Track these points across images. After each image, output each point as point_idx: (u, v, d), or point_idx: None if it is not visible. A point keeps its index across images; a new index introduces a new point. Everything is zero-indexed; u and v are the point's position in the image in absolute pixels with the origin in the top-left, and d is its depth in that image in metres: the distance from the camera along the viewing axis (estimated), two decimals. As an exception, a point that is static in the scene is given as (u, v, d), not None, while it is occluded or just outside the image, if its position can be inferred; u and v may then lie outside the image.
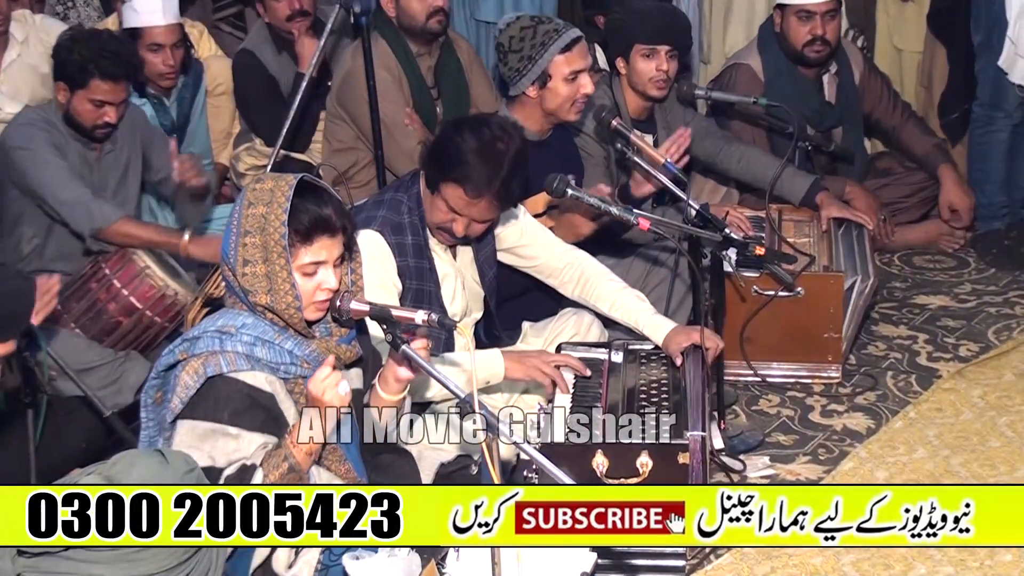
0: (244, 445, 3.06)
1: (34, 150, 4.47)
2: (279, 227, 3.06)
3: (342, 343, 3.22)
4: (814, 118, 5.40)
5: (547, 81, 4.43)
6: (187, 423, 3.07)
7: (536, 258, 4.19)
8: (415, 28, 5.17)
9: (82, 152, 4.59)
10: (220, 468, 3.04)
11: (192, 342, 3.13)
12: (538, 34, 4.43)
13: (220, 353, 3.07)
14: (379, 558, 2.96)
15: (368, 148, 5.15)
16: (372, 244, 3.80)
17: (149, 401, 3.24)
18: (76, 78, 4.48)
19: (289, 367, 3.13)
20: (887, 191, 5.66)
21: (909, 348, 4.96)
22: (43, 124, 4.53)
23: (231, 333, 3.10)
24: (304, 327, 3.14)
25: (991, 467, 4.13)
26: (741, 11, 6.20)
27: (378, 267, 3.79)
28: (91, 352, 4.40)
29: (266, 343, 3.11)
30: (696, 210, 4.21)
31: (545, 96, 4.45)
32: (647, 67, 4.83)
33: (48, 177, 4.47)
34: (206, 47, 5.81)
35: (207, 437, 3.05)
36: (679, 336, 4.01)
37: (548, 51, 4.41)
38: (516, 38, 4.45)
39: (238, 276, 3.11)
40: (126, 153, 4.73)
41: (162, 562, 2.85)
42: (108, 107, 4.50)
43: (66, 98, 4.51)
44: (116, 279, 4.51)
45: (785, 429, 4.43)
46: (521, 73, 4.44)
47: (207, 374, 3.05)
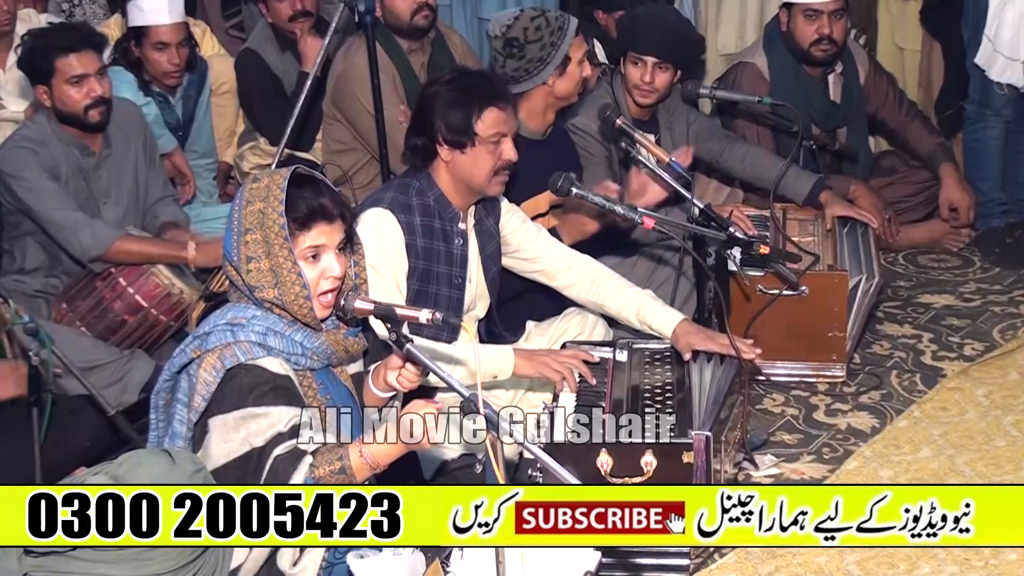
0: (275, 418, 3.03)
1: (26, 178, 4.46)
2: (277, 218, 3.06)
3: (349, 335, 3.23)
4: (819, 117, 5.40)
5: (567, 65, 4.47)
6: (217, 419, 3.05)
7: (539, 261, 4.19)
8: (402, 26, 5.18)
9: (78, 162, 4.58)
10: (262, 447, 3.01)
11: (203, 338, 3.12)
12: (551, 21, 4.47)
13: (234, 344, 3.07)
14: (383, 557, 2.95)
15: (366, 148, 5.16)
16: (382, 220, 3.84)
17: (160, 403, 3.23)
18: (43, 68, 4.48)
19: (300, 358, 3.13)
20: (891, 190, 5.66)
21: (914, 347, 4.96)
22: (33, 145, 4.51)
23: (242, 324, 3.10)
24: (313, 318, 3.13)
25: (996, 466, 4.12)
26: (732, 10, 6.19)
27: (388, 244, 3.82)
28: (96, 350, 4.40)
29: (277, 333, 3.10)
30: (700, 209, 4.21)
31: (562, 82, 4.48)
32: (634, 74, 4.84)
33: (41, 206, 4.46)
34: (209, 45, 5.83)
35: (239, 425, 3.03)
36: (692, 337, 3.98)
37: (567, 35, 4.45)
38: (531, 28, 4.45)
39: (243, 274, 3.11)
40: (124, 154, 4.73)
41: (169, 562, 2.86)
42: (88, 80, 4.48)
43: (49, 97, 4.51)
44: (122, 277, 4.52)
45: (789, 428, 4.43)
46: (544, 61, 4.44)
47: (225, 366, 3.04)
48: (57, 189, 4.48)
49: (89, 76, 4.49)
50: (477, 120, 3.82)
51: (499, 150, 3.87)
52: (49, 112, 4.56)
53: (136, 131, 4.79)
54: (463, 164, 3.87)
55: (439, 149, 3.87)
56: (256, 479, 2.98)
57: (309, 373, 3.17)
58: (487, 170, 3.88)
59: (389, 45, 5.18)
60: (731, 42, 6.10)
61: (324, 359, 3.17)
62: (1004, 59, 5.47)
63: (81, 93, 4.49)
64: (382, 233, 3.82)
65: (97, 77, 4.51)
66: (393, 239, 3.85)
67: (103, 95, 4.53)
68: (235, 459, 3.02)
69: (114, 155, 4.69)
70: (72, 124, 4.55)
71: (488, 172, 3.89)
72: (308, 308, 3.11)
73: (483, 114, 3.83)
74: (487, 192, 3.96)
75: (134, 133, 4.78)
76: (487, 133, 3.84)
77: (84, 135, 4.59)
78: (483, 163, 3.87)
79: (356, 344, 3.25)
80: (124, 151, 4.73)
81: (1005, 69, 5.50)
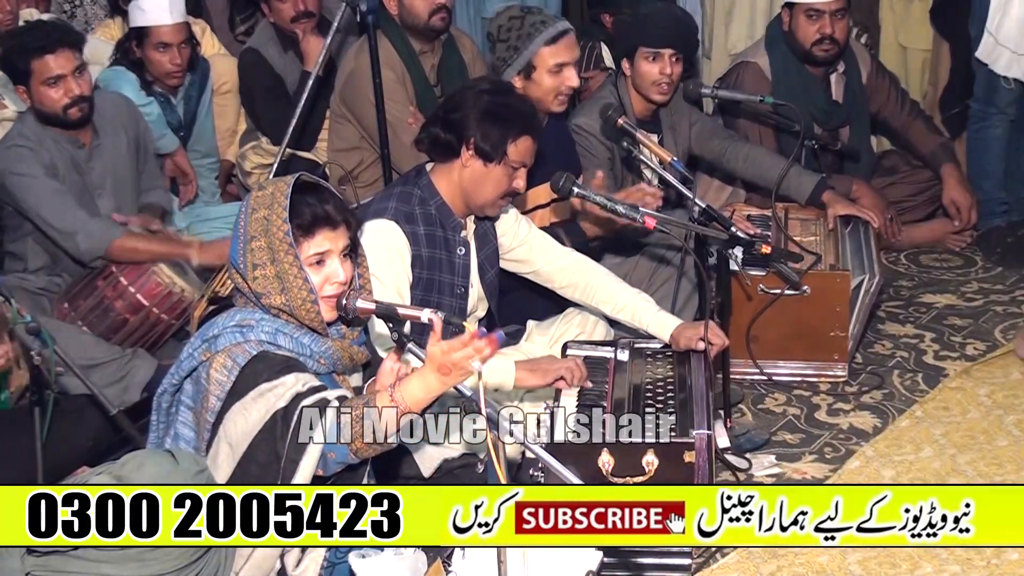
0: (291, 382, 3.00)
1: (24, 175, 4.47)
2: (281, 225, 3.07)
3: (355, 344, 3.22)
4: (821, 117, 5.39)
5: (531, 72, 4.47)
6: (235, 406, 3.02)
7: (534, 262, 4.18)
8: (418, 26, 5.16)
9: (71, 155, 4.58)
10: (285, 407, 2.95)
11: (212, 341, 3.12)
12: (525, 24, 4.46)
13: (244, 343, 3.07)
14: (385, 556, 2.96)
15: (373, 147, 5.16)
16: (387, 232, 3.83)
17: (164, 405, 3.23)
18: (20, 68, 4.48)
19: (307, 360, 3.12)
20: (894, 190, 5.66)
21: (916, 347, 4.95)
22: (29, 143, 4.51)
23: (251, 325, 3.10)
24: (321, 322, 3.13)
25: (998, 466, 4.12)
26: (744, 7, 6.19)
27: (393, 255, 3.82)
28: (97, 349, 4.40)
29: (285, 334, 3.10)
30: (702, 209, 4.21)
31: (529, 87, 4.48)
32: (651, 70, 4.83)
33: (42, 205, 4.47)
34: (210, 45, 5.83)
35: (256, 401, 3.00)
36: (688, 331, 4.02)
37: (534, 42, 4.45)
38: (504, 27, 4.49)
39: (249, 281, 3.11)
40: (114, 144, 4.72)
41: (172, 562, 2.86)
42: (65, 80, 4.47)
43: (28, 98, 4.51)
44: (123, 276, 4.52)
45: (791, 428, 4.42)
46: (507, 63, 4.49)
47: (239, 364, 3.04)
48: (55, 189, 4.48)
49: (66, 76, 4.48)
50: (512, 142, 3.81)
51: (515, 176, 3.86)
52: (32, 113, 4.57)
53: (126, 123, 4.78)
54: (478, 176, 3.85)
55: (463, 152, 3.84)
56: (285, 440, 2.93)
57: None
58: (498, 191, 3.87)
59: (401, 45, 5.18)
60: (742, 42, 6.08)
61: (330, 364, 3.17)
62: (1010, 53, 5.45)
63: (59, 93, 4.48)
64: (388, 246, 3.81)
65: (74, 76, 4.49)
66: (399, 251, 3.84)
67: (81, 94, 4.52)
68: (260, 431, 2.98)
69: (104, 145, 4.69)
70: (53, 124, 4.55)
71: (497, 194, 3.88)
72: (315, 312, 3.11)
73: (519, 140, 3.82)
74: (485, 212, 3.94)
75: (123, 125, 4.77)
76: (515, 158, 3.83)
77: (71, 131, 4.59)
78: (497, 184, 3.86)
79: (361, 353, 3.24)
80: (113, 141, 4.73)
81: (1011, 64, 5.49)
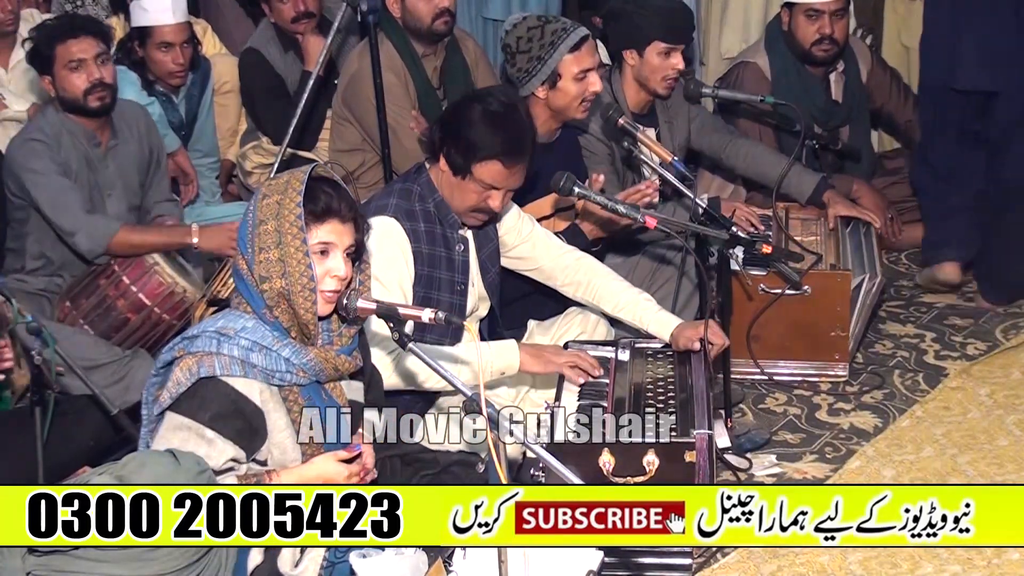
0: (215, 453, 3.06)
1: (37, 170, 4.47)
2: (294, 208, 3.07)
3: (342, 353, 3.20)
4: (821, 116, 5.39)
5: (557, 81, 4.43)
6: (169, 415, 3.09)
7: (536, 260, 4.19)
8: (421, 29, 5.14)
9: (86, 152, 4.58)
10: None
11: (191, 340, 3.14)
12: (546, 34, 4.42)
13: (215, 355, 3.08)
14: (386, 556, 2.96)
15: (374, 149, 5.16)
16: (389, 229, 3.83)
17: (150, 399, 3.25)
18: (45, 55, 4.52)
19: (284, 375, 3.12)
20: (894, 189, 5.66)
21: (916, 346, 4.96)
22: (46, 138, 4.52)
23: (229, 336, 3.10)
24: (315, 314, 3.12)
25: (998, 466, 4.12)
26: (737, 13, 6.17)
27: (396, 253, 3.83)
28: (98, 349, 4.40)
29: (263, 349, 3.10)
30: (703, 208, 4.21)
31: (554, 96, 4.45)
32: (663, 65, 4.82)
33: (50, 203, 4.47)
34: (210, 44, 5.83)
35: (180, 431, 3.06)
36: (688, 331, 4.02)
37: (557, 51, 4.41)
38: (524, 39, 4.44)
39: (253, 265, 3.11)
40: (131, 149, 4.73)
41: (173, 562, 2.86)
42: (87, 64, 4.50)
43: (53, 86, 4.54)
44: (125, 276, 4.52)
45: (792, 427, 4.43)
46: (531, 74, 4.44)
47: (200, 374, 3.06)
48: (63, 187, 4.48)
49: (87, 60, 4.50)
50: (477, 164, 3.79)
51: (485, 195, 3.86)
52: (55, 103, 4.58)
53: (145, 132, 4.81)
54: (451, 184, 3.88)
55: (441, 158, 3.87)
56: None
57: (296, 389, 3.16)
58: (466, 205, 3.89)
59: (404, 48, 5.17)
60: (735, 46, 6.08)
61: (312, 375, 3.16)
62: None
63: (81, 78, 4.50)
64: (390, 242, 3.81)
65: (97, 62, 4.52)
66: (401, 248, 3.84)
67: (103, 79, 4.53)
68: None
69: (121, 147, 4.70)
70: (75, 111, 4.56)
71: (466, 207, 3.90)
72: (312, 301, 3.10)
73: (486, 162, 3.79)
74: (463, 220, 3.96)
75: (142, 133, 4.79)
76: (481, 178, 3.82)
77: (91, 123, 4.60)
78: (466, 197, 3.87)
79: (347, 363, 3.22)
80: (131, 147, 4.74)
81: None
